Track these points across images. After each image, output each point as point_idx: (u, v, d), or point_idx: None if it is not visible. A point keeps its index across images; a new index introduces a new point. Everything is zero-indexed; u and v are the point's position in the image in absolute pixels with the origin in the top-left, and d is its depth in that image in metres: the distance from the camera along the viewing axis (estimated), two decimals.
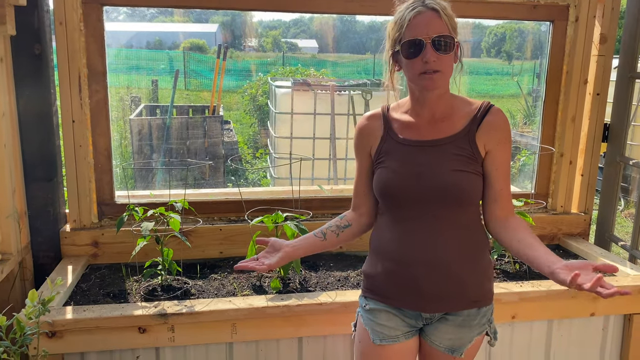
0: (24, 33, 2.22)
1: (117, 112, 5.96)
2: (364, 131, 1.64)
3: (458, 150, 1.50)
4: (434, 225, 1.51)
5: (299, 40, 45.96)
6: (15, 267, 2.24)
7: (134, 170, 4.86)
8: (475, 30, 22.73)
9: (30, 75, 2.29)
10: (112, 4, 2.44)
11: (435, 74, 1.45)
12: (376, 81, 6.07)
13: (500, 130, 1.53)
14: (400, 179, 1.52)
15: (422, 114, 1.54)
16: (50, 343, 1.96)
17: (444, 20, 1.44)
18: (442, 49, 1.43)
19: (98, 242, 2.51)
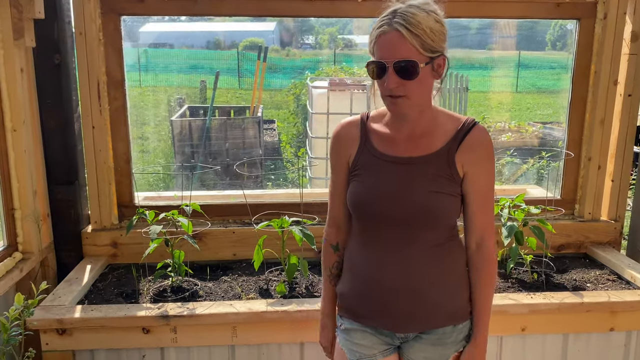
0: (44, 44, 2.34)
1: (165, 112, 6.20)
2: (342, 139, 1.54)
3: (436, 170, 1.42)
4: (406, 246, 1.45)
5: (355, 36, 45.85)
6: (37, 266, 2.37)
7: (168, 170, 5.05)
8: (537, 21, 21.84)
9: (51, 84, 2.42)
10: (130, 13, 2.53)
11: (399, 99, 1.36)
12: None
13: (479, 150, 1.44)
14: (374, 196, 1.45)
15: (402, 128, 1.46)
16: (60, 340, 2.07)
17: (409, 42, 1.30)
18: (404, 75, 1.32)
19: (117, 243, 2.62)
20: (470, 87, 11.82)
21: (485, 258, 1.51)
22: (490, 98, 13.52)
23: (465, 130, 1.45)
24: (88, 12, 2.42)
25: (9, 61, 2.16)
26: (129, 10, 2.50)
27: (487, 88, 14.94)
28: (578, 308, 2.18)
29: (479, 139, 1.44)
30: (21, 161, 2.26)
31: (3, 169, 2.23)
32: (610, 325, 2.23)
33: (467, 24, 19.79)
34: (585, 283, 2.44)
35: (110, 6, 2.47)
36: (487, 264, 1.52)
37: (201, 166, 4.66)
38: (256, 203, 2.66)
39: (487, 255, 1.51)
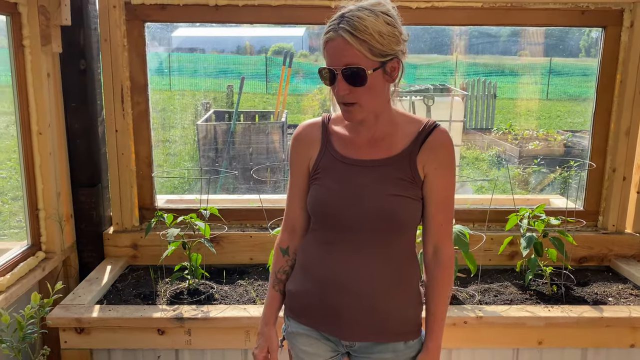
0: (70, 50, 2.41)
1: (192, 116, 6.29)
2: (303, 140, 1.50)
3: (398, 173, 1.40)
4: (363, 251, 1.42)
5: None
6: (59, 265, 2.43)
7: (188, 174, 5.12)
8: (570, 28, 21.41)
9: (77, 89, 2.48)
10: (153, 20, 2.59)
11: (351, 106, 1.33)
12: (439, 86, 5.91)
13: (440, 152, 1.41)
14: (336, 199, 1.42)
15: (361, 131, 1.43)
16: (78, 338, 2.12)
17: (355, 48, 1.26)
18: (352, 82, 1.29)
19: (137, 245, 2.67)
20: (498, 94, 11.68)
21: (441, 263, 1.46)
22: (519, 105, 13.31)
23: (426, 132, 1.41)
24: (113, 19, 2.48)
25: (36, 66, 2.23)
26: (152, 17, 2.56)
27: (517, 95, 14.71)
28: (597, 322, 2.13)
29: (440, 141, 1.41)
30: (46, 163, 2.33)
31: (29, 170, 2.30)
32: (631, 341, 2.17)
33: (498, 31, 19.55)
34: (607, 297, 2.38)
35: (134, 13, 2.53)
36: (443, 269, 1.47)
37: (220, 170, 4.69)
38: (274, 208, 2.68)
39: (443, 260, 1.46)
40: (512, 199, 2.64)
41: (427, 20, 2.56)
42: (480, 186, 6.04)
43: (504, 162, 7.48)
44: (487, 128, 9.94)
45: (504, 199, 3.06)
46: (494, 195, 2.60)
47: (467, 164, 7.72)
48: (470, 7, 2.54)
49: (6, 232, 4.60)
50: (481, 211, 2.75)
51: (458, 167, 6.16)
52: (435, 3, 2.52)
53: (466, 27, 8.82)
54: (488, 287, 2.49)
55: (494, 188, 2.76)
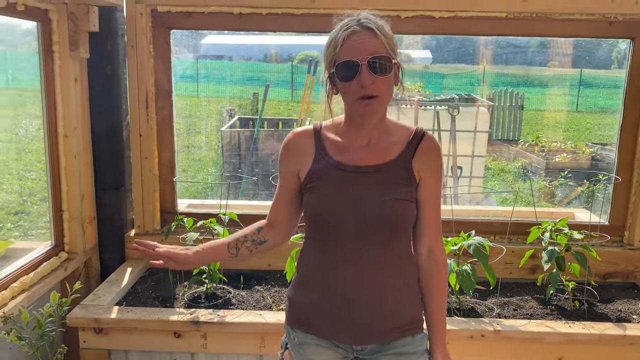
0: (97, 55, 2.47)
1: (217, 122, 6.38)
2: (293, 149, 1.51)
3: (396, 178, 1.43)
4: (364, 256, 1.43)
5: (412, 50, 45.31)
6: (80, 266, 2.48)
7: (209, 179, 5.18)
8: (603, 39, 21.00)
9: (103, 93, 2.54)
10: (179, 27, 2.63)
11: (373, 99, 1.35)
12: (465, 96, 5.87)
13: (433, 157, 1.47)
14: (334, 206, 1.43)
15: (358, 137, 1.45)
16: (97, 338, 2.16)
17: (380, 40, 1.33)
18: (379, 70, 1.32)
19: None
20: (526, 105, 11.52)
21: (436, 262, 1.51)
22: (547, 117, 13.11)
23: (418, 137, 1.47)
24: (140, 26, 2.53)
25: (64, 71, 2.29)
26: (178, 25, 2.61)
27: (545, 106, 14.49)
28: (620, 340, 2.07)
29: (431, 147, 1.47)
30: (71, 166, 2.38)
31: (54, 172, 2.35)
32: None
33: (527, 42, 19.32)
34: (631, 314, 2.32)
35: (160, 20, 2.58)
36: (439, 267, 1.51)
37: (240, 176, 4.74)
38: None
39: (438, 262, 1.51)
40: (534, 212, 2.59)
41: (450, 30, 2.55)
42: (504, 198, 5.96)
43: (529, 174, 7.37)
44: (514, 139, 9.82)
45: (526, 212, 3.02)
46: (516, 208, 2.58)
47: (493, 175, 7.62)
48: (495, 17, 2.52)
49: (34, 232, 4.72)
50: (502, 223, 2.71)
51: (483, 178, 6.10)
52: (459, 13, 2.51)
53: (493, 37, 8.72)
54: (508, 300, 2.45)
55: (514, 200, 2.71)
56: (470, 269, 2.25)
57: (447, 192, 4.86)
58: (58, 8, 2.23)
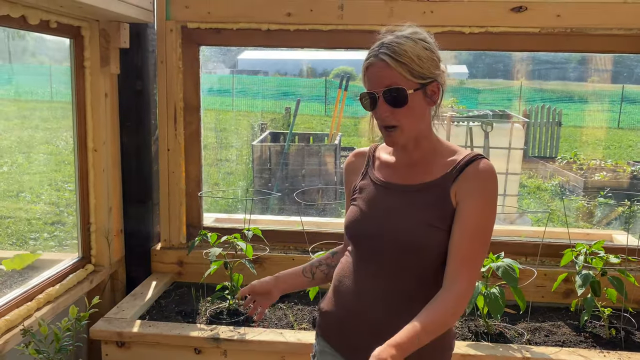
0: (127, 71, 2.51)
1: (249, 137, 6.44)
2: (349, 168, 1.57)
3: (429, 200, 1.36)
4: (385, 277, 1.38)
5: (448, 65, 44.90)
6: (106, 279, 2.51)
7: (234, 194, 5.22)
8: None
9: (132, 108, 2.58)
10: (208, 44, 2.66)
11: (392, 130, 1.34)
12: (499, 112, 5.75)
13: (475, 181, 1.34)
14: (363, 220, 1.42)
15: (401, 157, 1.45)
16: (119, 352, 2.16)
17: (395, 70, 1.30)
18: (394, 103, 1.31)
19: (183, 262, 2.72)
20: (565, 121, 11.24)
21: (447, 296, 1.31)
22: (586, 133, 12.74)
23: (466, 161, 1.37)
24: (170, 42, 2.57)
25: (95, 86, 2.34)
26: (207, 41, 2.63)
27: (585, 123, 14.11)
28: None
29: (478, 171, 1.35)
30: (99, 179, 2.42)
31: (82, 186, 2.39)
32: None
33: (566, 57, 18.93)
34: None
35: (190, 37, 2.61)
36: (449, 297, 1.30)
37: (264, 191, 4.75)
38: (317, 231, 2.66)
39: (451, 295, 1.30)
40: (567, 233, 2.50)
41: (480, 45, 2.50)
42: (539, 217, 5.79)
43: (567, 192, 7.15)
44: (551, 156, 9.57)
45: (561, 233, 2.91)
46: (551, 229, 2.48)
47: (528, 193, 7.43)
48: (526, 33, 2.46)
49: (69, 243, 4.82)
50: (535, 244, 2.62)
51: (518, 196, 5.95)
52: (490, 28, 2.45)
53: (531, 53, 8.60)
54: (539, 326, 2.36)
55: (547, 221, 2.62)
56: (498, 292, 2.17)
57: None
58: (90, 25, 2.29)
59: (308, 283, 1.60)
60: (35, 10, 1.90)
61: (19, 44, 2.22)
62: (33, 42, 2.28)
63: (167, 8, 2.54)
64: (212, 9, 2.53)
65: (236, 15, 2.53)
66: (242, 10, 2.52)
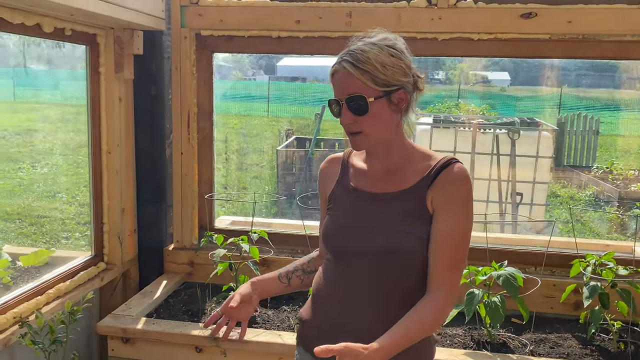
0: (142, 76, 2.61)
1: (277, 142, 6.55)
2: (323, 174, 1.56)
3: (405, 208, 1.36)
4: (363, 287, 1.37)
5: (489, 72, 44.56)
6: (118, 277, 2.60)
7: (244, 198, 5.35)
8: None
9: (147, 113, 2.67)
10: (220, 50, 2.73)
11: (356, 135, 1.34)
12: (527, 120, 5.63)
13: (450, 188, 1.34)
14: (340, 230, 1.42)
15: (374, 164, 1.44)
16: (124, 348, 2.24)
17: (356, 78, 1.30)
18: (355, 111, 1.32)
19: (194, 262, 2.78)
20: (605, 130, 10.91)
21: (430, 302, 1.32)
22: (628, 142, 12.31)
23: (440, 166, 1.36)
24: (184, 49, 2.65)
25: (109, 91, 2.44)
26: (220, 48, 2.71)
27: (628, 132, 13.63)
28: None
29: (453, 177, 1.35)
30: (113, 181, 2.52)
31: (96, 186, 2.49)
32: None
33: (613, 64, 18.34)
34: None
35: (204, 44, 2.69)
36: (434, 295, 1.32)
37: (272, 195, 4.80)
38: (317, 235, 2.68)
39: (435, 303, 1.32)
40: (575, 243, 2.44)
41: (489, 52, 2.49)
42: (570, 228, 5.64)
43: (601, 203, 6.94)
44: (587, 166, 9.29)
45: (583, 244, 2.83)
46: (569, 239, 2.44)
47: (561, 203, 7.24)
48: (536, 40, 2.42)
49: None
50: (548, 255, 2.56)
51: (546, 205, 5.81)
52: (499, 35, 2.43)
53: (573, 60, 8.38)
54: (545, 337, 2.31)
55: (552, 229, 2.56)
56: (499, 301, 2.14)
57: (481, 218, 4.68)
58: (106, 33, 2.39)
59: (284, 288, 1.60)
60: (50, 18, 2.01)
61: (68, 51, 2.36)
62: (80, 50, 2.41)
63: (181, 16, 2.62)
64: (224, 17, 2.60)
65: (247, 22, 2.59)
66: (253, 18, 2.58)
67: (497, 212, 5.07)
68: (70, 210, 6.16)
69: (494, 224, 5.03)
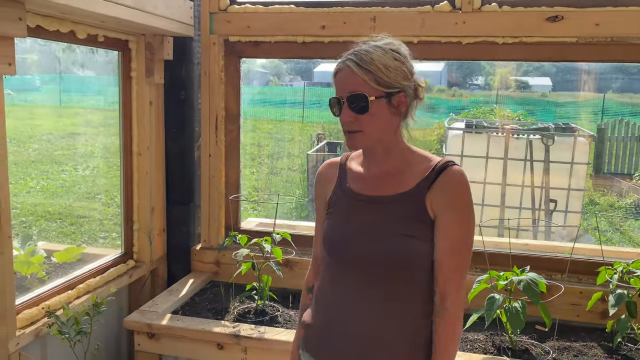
0: (172, 81, 2.70)
1: (306, 146, 6.62)
2: (321, 179, 1.56)
3: (405, 211, 1.36)
4: (365, 291, 1.37)
5: (530, 77, 43.60)
6: (147, 274, 2.68)
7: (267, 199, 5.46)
8: None
9: (177, 116, 2.76)
10: (247, 56, 2.80)
11: (356, 133, 1.36)
12: (562, 125, 5.51)
13: (451, 193, 1.35)
14: (340, 234, 1.42)
15: (371, 167, 1.44)
16: (149, 343, 2.32)
17: (359, 77, 1.33)
18: (356, 108, 1.33)
19: (220, 262, 2.85)
20: None
21: (443, 317, 1.36)
22: None
23: (438, 170, 1.37)
24: (213, 55, 2.73)
25: (140, 95, 2.53)
26: (247, 53, 2.77)
27: None
28: None
29: (452, 181, 1.36)
30: (143, 181, 2.61)
31: (127, 187, 2.59)
32: None
33: None
34: None
35: (232, 49, 2.76)
36: (445, 324, 1.36)
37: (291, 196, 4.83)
38: None
39: (447, 313, 1.35)
40: (601, 250, 2.39)
41: (514, 56, 2.47)
42: (609, 236, 5.49)
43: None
44: (628, 173, 8.99)
45: (620, 252, 2.76)
46: (606, 247, 2.39)
47: (600, 210, 7.04)
48: (563, 43, 2.39)
49: None
50: (572, 261, 2.52)
51: (582, 213, 5.66)
52: (524, 38, 2.41)
53: (621, 64, 8.17)
54: (569, 345, 2.27)
55: (577, 235, 2.52)
56: (520, 306, 2.12)
57: (504, 223, 4.60)
58: (137, 39, 2.48)
59: None
60: (83, 25, 2.11)
61: (113, 58, 2.47)
62: None
63: (210, 23, 2.71)
64: (251, 23, 2.67)
65: (273, 28, 2.65)
66: (279, 23, 2.64)
67: (530, 218, 4.98)
68: (109, 211, 6.36)
69: (525, 230, 4.95)
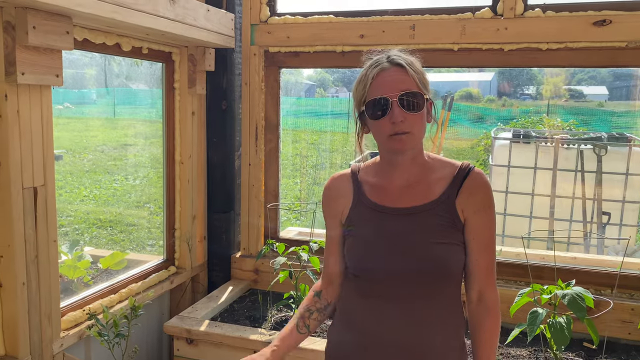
0: (214, 92, 2.76)
1: (349, 157, 6.60)
2: (333, 194, 1.47)
3: (438, 219, 1.34)
4: (405, 302, 1.35)
5: (584, 87, 42.29)
6: (187, 281, 2.73)
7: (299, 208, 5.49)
8: None
9: (218, 126, 2.81)
10: (287, 66, 2.83)
11: (404, 135, 1.30)
12: (615, 135, 5.28)
13: (479, 195, 1.36)
14: (373, 251, 1.37)
15: (395, 178, 1.39)
16: (188, 348, 2.35)
17: (411, 76, 1.31)
18: (410, 107, 1.29)
19: (259, 270, 2.87)
20: None
21: (487, 310, 1.41)
22: None
23: (463, 174, 1.38)
24: (254, 66, 2.78)
25: (183, 105, 2.60)
26: (287, 64, 2.80)
27: None
28: None
29: (478, 183, 1.37)
30: (185, 189, 2.67)
31: (169, 195, 2.65)
32: None
33: None
34: None
35: (272, 60, 2.80)
36: (490, 316, 1.41)
37: None
38: None
39: (489, 306, 1.41)
40: None
41: (558, 62, 2.39)
42: None
43: None
44: None
45: None
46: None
47: None
48: (611, 47, 2.30)
49: None
50: (624, 276, 2.40)
51: (638, 227, 5.39)
52: (569, 44, 2.34)
53: None
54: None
55: (626, 249, 2.39)
56: (565, 322, 2.03)
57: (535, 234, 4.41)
58: (180, 51, 2.56)
59: (304, 337, 1.53)
60: (128, 38, 2.19)
61: None
62: None
63: (251, 34, 2.76)
64: (291, 34, 2.70)
65: (313, 38, 2.67)
66: (319, 33, 2.66)
67: (580, 231, 4.78)
68: (157, 220, 6.53)
69: (576, 244, 4.75)
